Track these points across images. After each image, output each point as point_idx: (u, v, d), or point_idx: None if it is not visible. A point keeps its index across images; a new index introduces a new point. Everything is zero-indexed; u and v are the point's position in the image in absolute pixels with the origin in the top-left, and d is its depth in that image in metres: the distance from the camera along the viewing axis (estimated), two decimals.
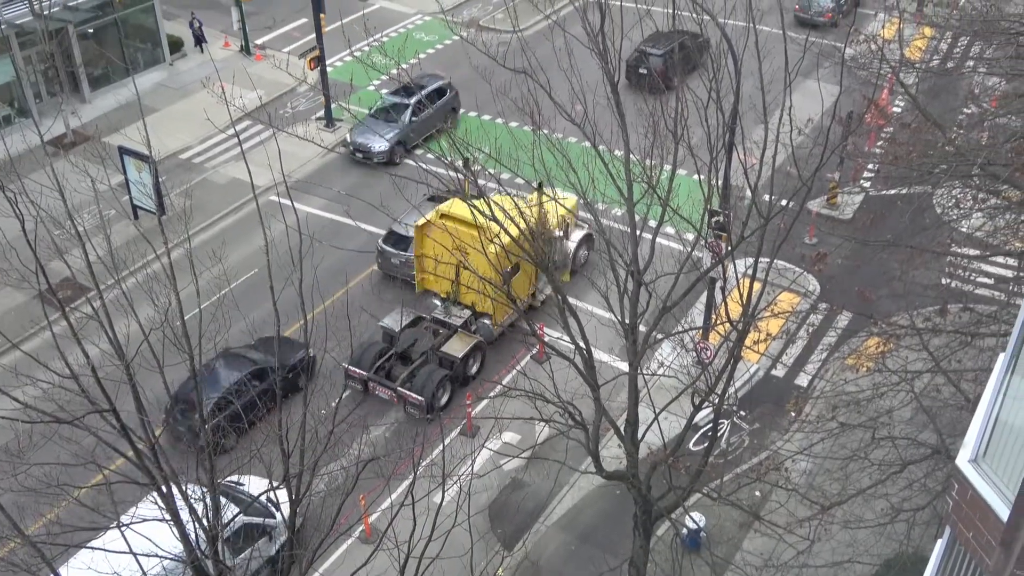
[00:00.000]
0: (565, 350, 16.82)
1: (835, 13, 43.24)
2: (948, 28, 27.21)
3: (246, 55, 42.08)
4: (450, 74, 36.66)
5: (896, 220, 24.68)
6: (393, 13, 46.87)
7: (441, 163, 15.79)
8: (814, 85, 16.66)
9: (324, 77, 36.26)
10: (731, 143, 19.29)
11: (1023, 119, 21.17)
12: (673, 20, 14.94)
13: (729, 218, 19.03)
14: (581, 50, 15.45)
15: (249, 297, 24.99)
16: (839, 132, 18.09)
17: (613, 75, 15.29)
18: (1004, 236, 21.12)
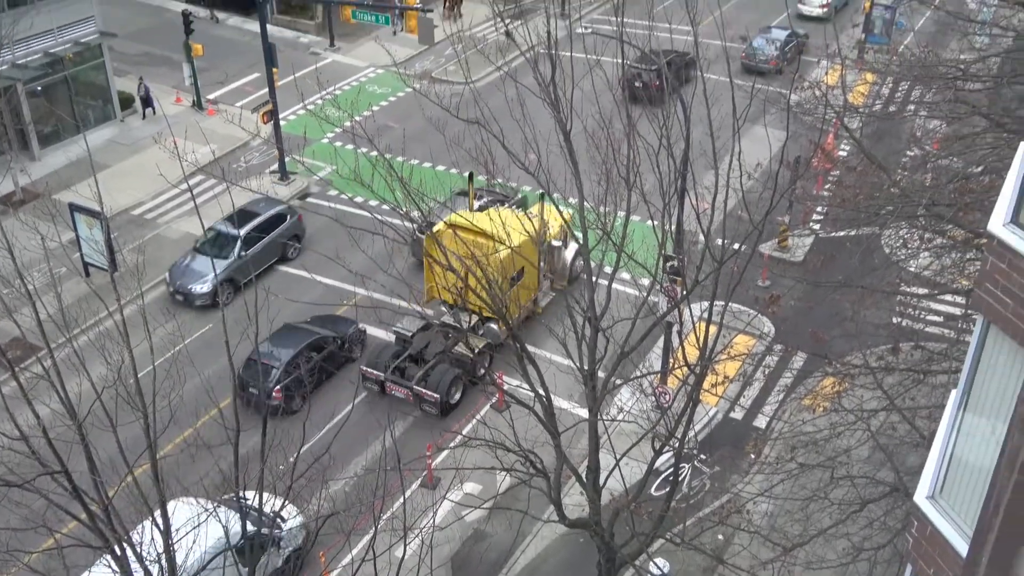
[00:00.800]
0: (525, 398, 16.79)
1: (780, 60, 44.31)
2: (889, 74, 27.97)
3: (198, 110, 42.01)
4: (403, 125, 36.85)
5: (846, 261, 25.10)
6: (345, 67, 47.16)
7: (396, 213, 15.83)
8: (762, 131, 16.99)
9: (277, 130, 36.27)
10: (683, 189, 19.57)
11: (964, 160, 21.75)
12: (623, 70, 15.18)
13: (683, 263, 19.25)
14: (533, 100, 15.65)
15: (204, 353, 24.67)
16: (788, 176, 18.44)
17: (565, 124, 15.49)
18: (951, 274, 21.55)
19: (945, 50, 30.35)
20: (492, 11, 16.50)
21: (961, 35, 26.36)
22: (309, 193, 37.25)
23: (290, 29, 50.96)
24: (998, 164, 19.44)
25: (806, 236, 33.41)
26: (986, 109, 20.86)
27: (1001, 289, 7.45)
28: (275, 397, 24.63)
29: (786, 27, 44.68)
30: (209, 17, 46.76)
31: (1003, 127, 19.83)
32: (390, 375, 26.09)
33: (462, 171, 29.03)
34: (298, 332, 26.73)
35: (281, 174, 37.19)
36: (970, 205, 17.60)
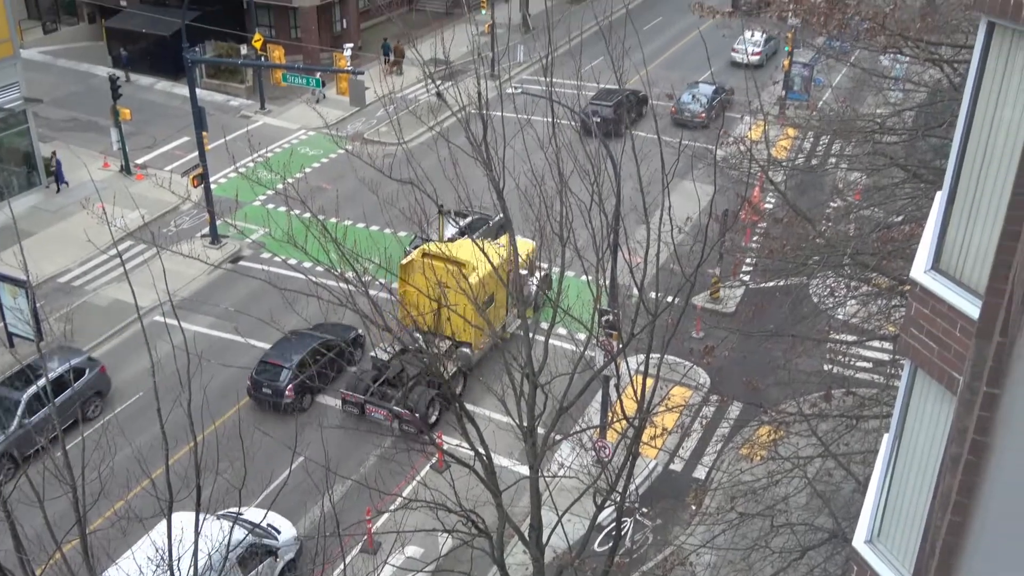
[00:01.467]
0: (465, 457, 16.67)
1: (707, 114, 45.45)
2: (809, 128, 28.86)
3: (126, 175, 41.49)
4: (336, 186, 36.81)
5: (776, 311, 25.58)
6: (277, 129, 47.09)
7: (331, 275, 15.75)
8: (690, 186, 17.39)
9: (208, 194, 35.95)
10: (615, 244, 19.84)
11: (885, 210, 22.46)
12: (553, 129, 15.45)
13: (618, 316, 19.43)
14: (466, 159, 15.80)
15: (135, 421, 24.07)
16: (717, 229, 18.83)
17: (498, 182, 15.65)
18: (878, 321, 22.09)
19: (862, 105, 31.47)
20: (423, 73, 16.69)
21: (876, 90, 27.38)
22: (241, 256, 36.87)
23: (220, 92, 50.82)
24: (917, 213, 20.11)
25: (737, 287, 34.01)
26: (903, 161, 21.62)
27: (926, 334, 7.67)
28: (287, 395, 27.16)
29: (712, 82, 45.94)
30: (123, 78, 46.20)
31: (920, 178, 20.55)
32: (369, 398, 27.19)
33: (396, 231, 29.08)
34: (305, 337, 28.10)
35: (212, 238, 36.78)
36: (892, 253, 18.14)
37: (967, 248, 7.54)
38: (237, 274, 34.54)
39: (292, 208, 16.58)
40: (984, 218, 7.33)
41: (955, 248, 7.65)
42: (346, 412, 27.28)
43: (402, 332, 18.21)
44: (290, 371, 27.78)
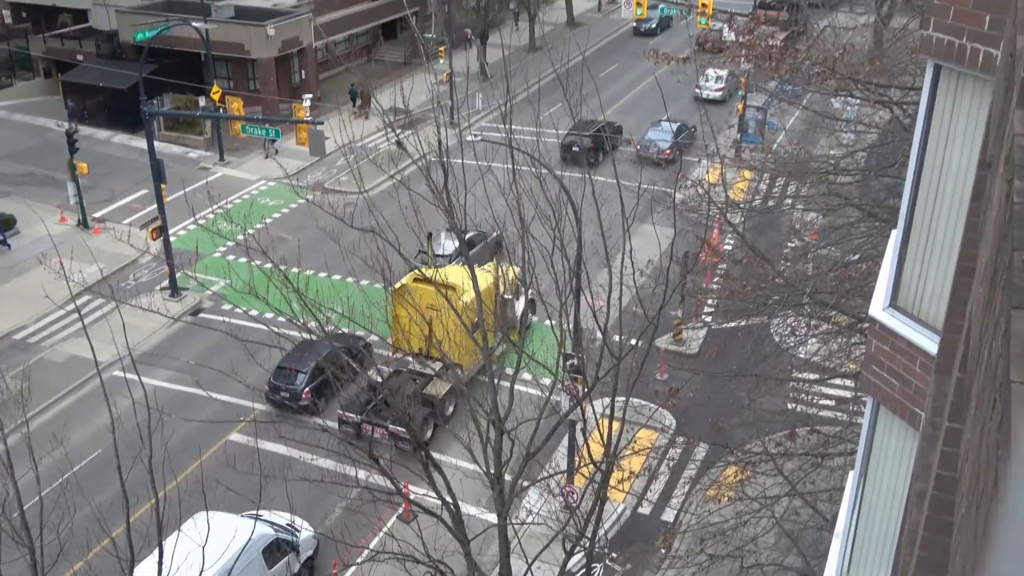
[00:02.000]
0: (432, 506, 16.51)
1: (673, 150, 46.15)
2: (765, 170, 29.32)
3: (84, 228, 41.07)
4: (297, 236, 36.70)
5: (739, 351, 25.75)
6: (236, 180, 46.96)
7: (293, 325, 15.65)
8: (650, 229, 17.56)
9: (167, 247, 35.67)
10: (578, 288, 19.92)
11: (842, 249, 22.80)
12: (514, 176, 15.56)
13: (583, 360, 19.45)
14: (427, 207, 15.84)
15: (95, 479, 23.60)
16: (678, 271, 19.00)
17: (459, 229, 15.70)
18: (839, 359, 22.32)
19: (816, 147, 32.06)
20: (383, 122, 16.77)
21: (829, 132, 27.92)
22: (201, 308, 36.52)
23: (178, 145, 50.66)
24: (873, 251, 20.44)
25: (699, 329, 34.22)
26: (858, 200, 22.02)
27: (886, 370, 7.76)
28: (304, 397, 28.59)
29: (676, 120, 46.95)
30: (72, 128, 45.75)
31: (875, 216, 20.93)
32: (365, 417, 27.70)
33: (358, 280, 29.02)
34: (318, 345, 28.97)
35: (172, 290, 36.43)
36: (851, 291, 18.39)
37: (924, 285, 7.66)
38: (198, 326, 34.17)
39: (253, 259, 16.49)
40: (939, 255, 7.47)
41: (912, 285, 7.78)
42: (343, 432, 26.96)
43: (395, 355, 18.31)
44: (306, 375, 29.28)
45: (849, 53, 20.64)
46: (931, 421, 4.99)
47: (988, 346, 2.38)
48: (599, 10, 79.39)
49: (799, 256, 24.02)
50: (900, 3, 39.14)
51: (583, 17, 76.33)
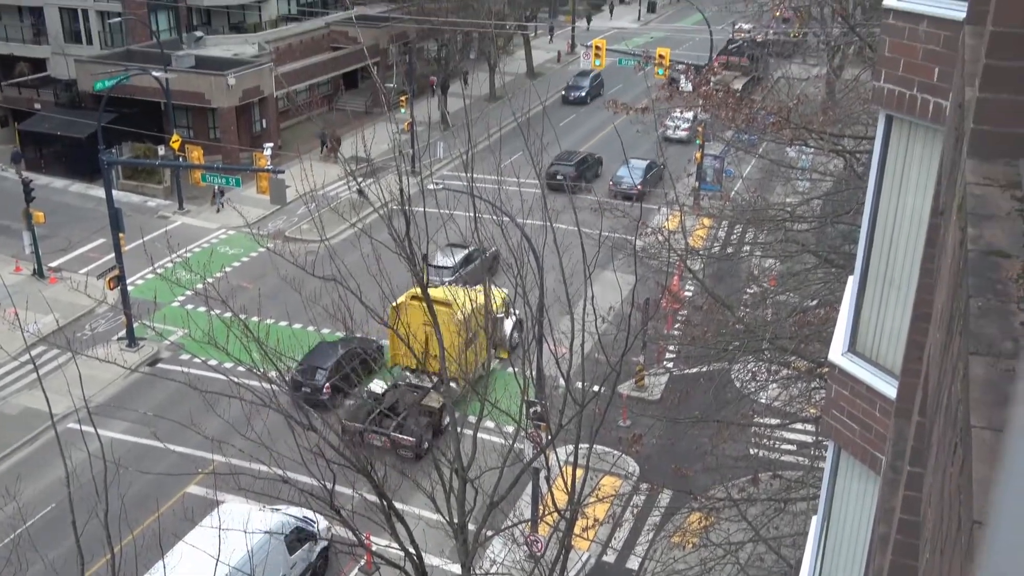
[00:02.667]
0: (394, 558, 16.28)
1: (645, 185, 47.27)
2: (723, 218, 29.70)
3: (39, 278, 40.49)
4: (258, 285, 36.43)
5: (701, 397, 25.86)
6: (196, 229, 46.65)
7: (253, 375, 15.49)
8: (611, 276, 17.69)
9: (125, 296, 35.24)
10: (540, 335, 19.94)
11: (800, 295, 23.08)
12: (475, 224, 15.62)
13: (546, 408, 19.42)
14: (389, 255, 15.84)
15: (49, 535, 23.02)
16: (639, 318, 19.12)
17: (422, 277, 15.69)
18: (800, 404, 22.49)
19: (772, 194, 32.58)
20: (345, 170, 16.80)
21: (785, 180, 28.39)
22: (159, 359, 36.04)
23: (137, 193, 50.29)
24: (831, 297, 20.72)
25: (661, 375, 34.34)
26: (814, 247, 22.35)
27: (846, 415, 7.84)
28: (325, 392, 30.05)
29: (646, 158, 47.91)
30: (16, 175, 45.32)
31: (831, 263, 21.24)
32: (368, 426, 29.06)
33: (319, 328, 28.80)
34: (335, 345, 31.02)
35: (129, 341, 35.93)
36: (810, 337, 18.60)
37: (881, 330, 7.78)
38: (155, 377, 33.66)
39: (212, 308, 16.33)
40: (895, 300, 7.59)
41: (870, 330, 7.89)
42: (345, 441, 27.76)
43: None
44: (326, 372, 31.11)
45: (803, 103, 21.11)
46: (892, 465, 5.04)
47: (947, 390, 2.43)
48: (558, 61, 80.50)
49: (758, 302, 24.27)
50: (851, 55, 40.14)
51: (543, 68, 77.33)
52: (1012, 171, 3.17)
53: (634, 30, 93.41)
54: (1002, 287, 2.33)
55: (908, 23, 6.72)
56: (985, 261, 2.47)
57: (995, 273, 2.39)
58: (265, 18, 66.83)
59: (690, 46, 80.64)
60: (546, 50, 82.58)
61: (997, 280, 2.36)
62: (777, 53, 40.54)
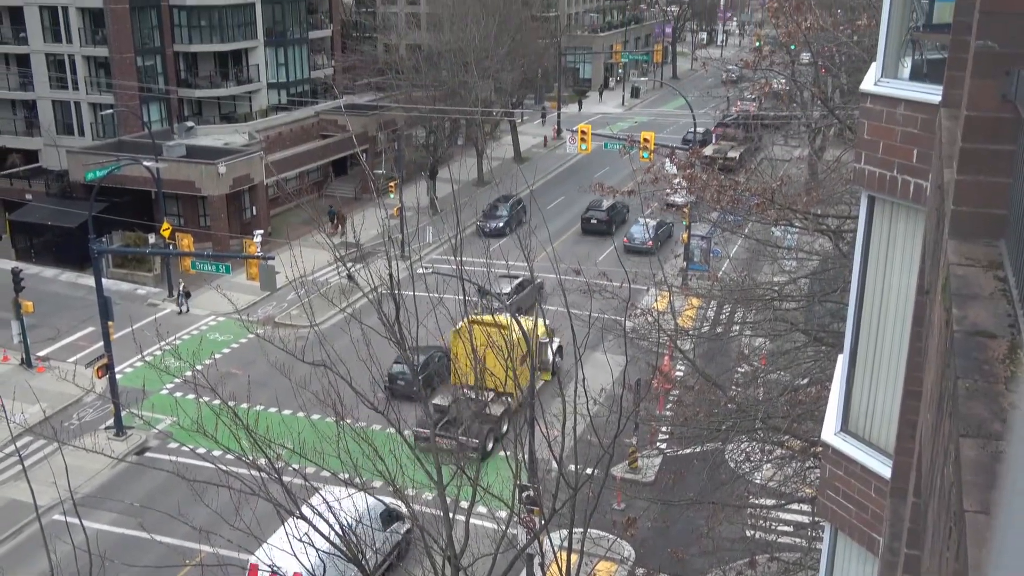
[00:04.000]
0: None
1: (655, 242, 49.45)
2: (712, 297, 29.83)
3: (27, 368, 40.23)
4: (247, 371, 36.23)
5: (695, 478, 25.62)
6: (186, 316, 46.58)
7: (242, 462, 15.30)
8: (602, 357, 17.65)
9: (113, 385, 34.99)
10: (532, 417, 19.83)
11: (791, 374, 23.06)
12: (465, 307, 15.65)
13: (539, 491, 19.19)
14: (379, 339, 15.81)
15: None
16: (631, 399, 19.04)
17: (412, 362, 15.65)
18: (795, 484, 22.28)
19: (760, 274, 32.79)
20: (334, 256, 16.89)
21: (772, 260, 28.61)
22: (147, 447, 35.62)
23: (127, 281, 50.34)
24: (822, 375, 20.71)
25: (655, 456, 34.05)
26: (803, 326, 22.42)
27: (842, 495, 7.77)
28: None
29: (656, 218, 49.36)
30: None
31: (821, 341, 21.29)
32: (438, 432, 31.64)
33: (309, 414, 28.57)
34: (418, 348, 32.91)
35: (117, 429, 35.55)
36: (802, 416, 18.53)
37: (873, 408, 7.77)
38: (143, 466, 33.19)
39: (201, 395, 16.21)
40: (886, 378, 7.60)
41: (861, 409, 7.88)
42: (418, 444, 30.79)
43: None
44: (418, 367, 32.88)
45: (786, 184, 21.39)
46: (889, 547, 4.99)
47: (940, 472, 2.42)
48: (545, 145, 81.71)
49: (750, 381, 24.23)
50: (832, 136, 40.88)
51: (529, 152, 78.45)
52: (993, 251, 3.22)
53: (619, 114, 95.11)
54: (989, 368, 2.35)
55: (885, 107, 6.88)
56: (971, 342, 2.49)
57: (981, 354, 2.42)
58: (256, 108, 67.94)
59: (674, 129, 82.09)
60: (533, 135, 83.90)
61: (984, 361, 2.38)
62: (770, 125, 41.82)
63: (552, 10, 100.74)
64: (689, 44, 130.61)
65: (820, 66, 32.74)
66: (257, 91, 67.94)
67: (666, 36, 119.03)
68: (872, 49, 10.29)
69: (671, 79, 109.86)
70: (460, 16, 68.42)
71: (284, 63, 70.06)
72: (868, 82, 7.33)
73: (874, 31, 15.73)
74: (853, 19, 25.17)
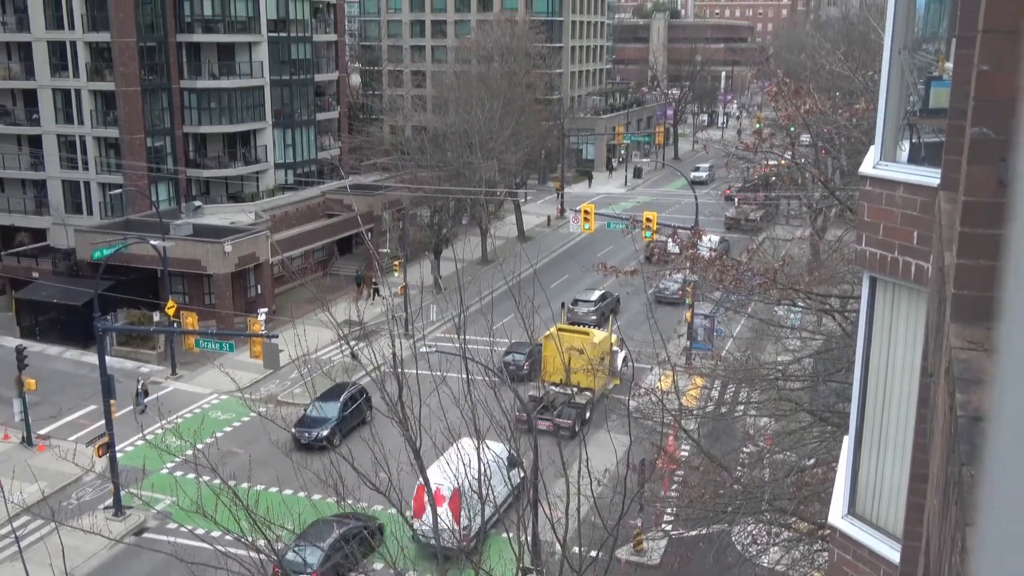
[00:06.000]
0: None
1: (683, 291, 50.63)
2: (716, 377, 29.73)
3: (28, 446, 39.95)
4: (248, 450, 35.95)
5: (702, 561, 25.21)
6: (188, 394, 46.41)
7: (241, 543, 15.10)
8: (606, 436, 17.52)
9: (113, 464, 34.70)
10: (535, 499, 19.59)
11: (797, 454, 22.84)
12: (468, 386, 15.60)
13: (542, 574, 18.86)
14: (380, 418, 15.74)
15: None
16: (635, 480, 18.84)
17: (414, 441, 15.54)
18: (803, 568, 21.89)
19: (763, 353, 32.71)
20: (337, 334, 16.90)
21: (775, 339, 28.57)
22: (146, 528, 35.15)
23: (130, 359, 50.30)
24: (828, 456, 20.50)
25: (660, 538, 33.53)
26: (809, 406, 22.28)
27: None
28: None
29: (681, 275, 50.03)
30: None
31: (827, 421, 21.13)
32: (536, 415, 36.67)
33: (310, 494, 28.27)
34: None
35: (116, 509, 35.13)
36: (808, 498, 18.30)
37: (880, 491, 7.68)
38: (141, 547, 32.73)
39: (202, 475, 16.08)
40: (892, 460, 7.53)
41: (868, 491, 7.79)
42: (518, 427, 33.45)
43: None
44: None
45: (789, 264, 21.48)
46: None
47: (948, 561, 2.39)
48: (548, 225, 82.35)
49: (755, 462, 23.99)
50: (833, 217, 41.21)
51: (533, 231, 79.03)
52: (996, 335, 3.22)
53: (621, 195, 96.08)
54: None
55: (885, 189, 6.95)
56: (975, 427, 2.48)
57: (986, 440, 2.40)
58: (263, 187, 68.76)
59: (676, 209, 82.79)
60: (536, 214, 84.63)
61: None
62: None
63: (555, 93, 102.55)
64: (690, 126, 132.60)
65: (820, 148, 33.19)
66: (264, 171, 68.83)
67: (667, 118, 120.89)
68: (871, 132, 10.45)
69: (673, 160, 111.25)
70: (465, 99, 69.61)
71: (292, 144, 71.12)
72: (867, 165, 7.42)
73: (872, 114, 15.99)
74: (851, 103, 25.59)
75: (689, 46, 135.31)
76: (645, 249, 47.27)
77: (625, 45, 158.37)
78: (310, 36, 72.04)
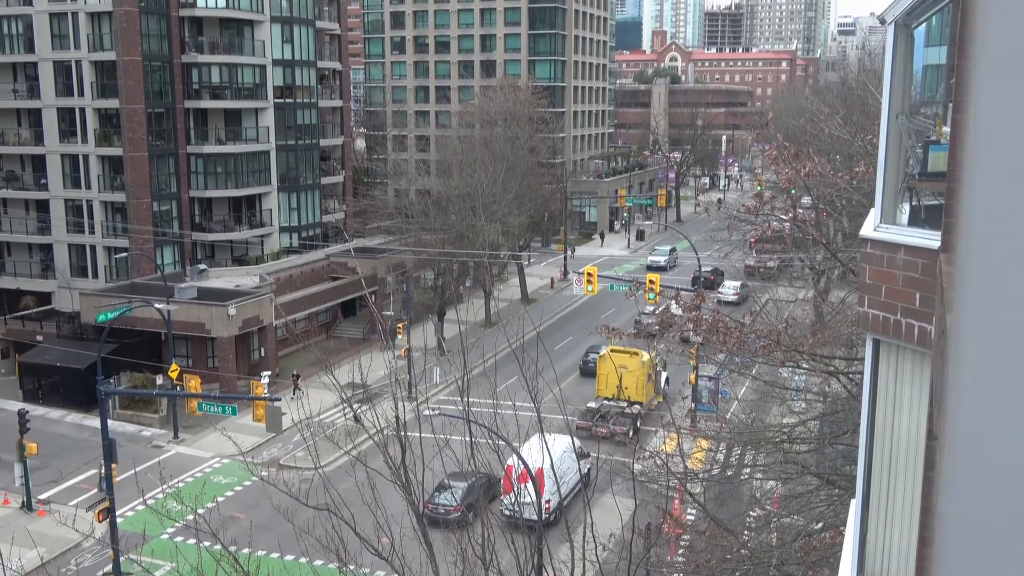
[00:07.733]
0: None
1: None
2: (721, 439, 29.51)
3: (28, 511, 39.60)
4: (250, 515, 35.61)
5: None
6: (190, 458, 46.12)
7: None
8: (610, 500, 17.36)
9: (113, 529, 34.33)
10: (540, 564, 19.33)
11: (804, 518, 22.57)
12: (472, 450, 15.52)
13: None
14: (384, 483, 15.62)
15: None
16: (641, 544, 18.60)
17: (417, 505, 15.41)
18: None
19: (768, 415, 32.55)
20: (340, 397, 16.86)
21: (780, 401, 28.43)
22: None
23: (132, 423, 50.10)
24: (835, 520, 20.25)
25: None
26: (815, 468, 22.08)
27: None
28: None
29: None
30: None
31: (834, 484, 20.93)
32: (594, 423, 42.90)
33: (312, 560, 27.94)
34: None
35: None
36: (817, 562, 18.05)
37: (889, 556, 7.59)
38: None
39: (202, 540, 15.92)
40: (900, 523, 7.46)
41: (877, 555, 7.70)
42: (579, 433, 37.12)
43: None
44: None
45: (792, 326, 21.46)
46: None
47: None
48: (552, 287, 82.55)
49: (762, 526, 23.70)
50: (836, 279, 41.30)
51: (536, 294, 79.18)
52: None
53: (624, 257, 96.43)
54: None
55: (886, 251, 7.00)
56: None
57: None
58: (267, 251, 69.13)
59: (678, 271, 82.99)
60: (540, 276, 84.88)
61: None
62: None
63: (558, 156, 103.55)
64: (692, 188, 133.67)
65: (822, 210, 33.38)
66: (269, 234, 69.28)
67: (669, 181, 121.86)
68: (871, 194, 10.55)
69: (675, 222, 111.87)
70: (469, 163, 70.32)
71: (296, 207, 71.68)
72: (868, 227, 7.48)
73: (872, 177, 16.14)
74: (851, 166, 25.82)
75: (690, 110, 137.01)
76: (652, 322, 47.75)
77: (627, 109, 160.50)
78: (316, 102, 73.04)
